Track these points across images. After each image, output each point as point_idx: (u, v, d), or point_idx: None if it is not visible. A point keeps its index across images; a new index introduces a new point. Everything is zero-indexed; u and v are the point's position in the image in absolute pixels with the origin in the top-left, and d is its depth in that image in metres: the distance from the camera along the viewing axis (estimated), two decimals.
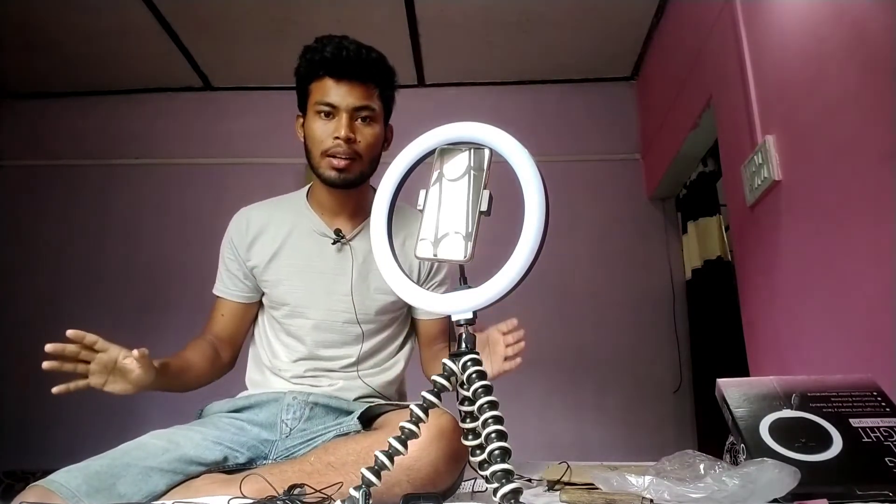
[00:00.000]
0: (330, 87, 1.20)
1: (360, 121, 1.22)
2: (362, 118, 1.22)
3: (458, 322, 0.66)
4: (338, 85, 1.20)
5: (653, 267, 2.93)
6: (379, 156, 1.27)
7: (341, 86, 1.20)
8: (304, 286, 1.27)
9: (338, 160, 1.21)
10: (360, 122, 1.22)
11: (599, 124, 3.17)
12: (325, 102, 1.20)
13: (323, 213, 1.31)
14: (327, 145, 1.21)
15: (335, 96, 1.20)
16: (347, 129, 1.19)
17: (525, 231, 0.63)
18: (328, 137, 1.20)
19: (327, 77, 1.21)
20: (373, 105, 1.22)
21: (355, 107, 1.21)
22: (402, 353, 1.36)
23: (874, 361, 1.26)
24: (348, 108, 1.20)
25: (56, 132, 3.28)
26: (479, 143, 0.68)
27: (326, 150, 1.21)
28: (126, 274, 3.05)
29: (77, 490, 0.90)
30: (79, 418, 2.80)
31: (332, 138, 1.20)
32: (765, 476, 0.77)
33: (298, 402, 1.21)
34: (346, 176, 1.22)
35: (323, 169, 1.22)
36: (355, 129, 1.21)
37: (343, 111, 1.20)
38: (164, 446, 1.02)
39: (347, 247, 1.29)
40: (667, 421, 2.74)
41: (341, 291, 1.26)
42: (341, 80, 1.20)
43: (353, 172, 1.22)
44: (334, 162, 1.21)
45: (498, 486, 0.58)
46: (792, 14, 1.62)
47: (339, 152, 1.20)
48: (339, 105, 1.20)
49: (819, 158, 1.50)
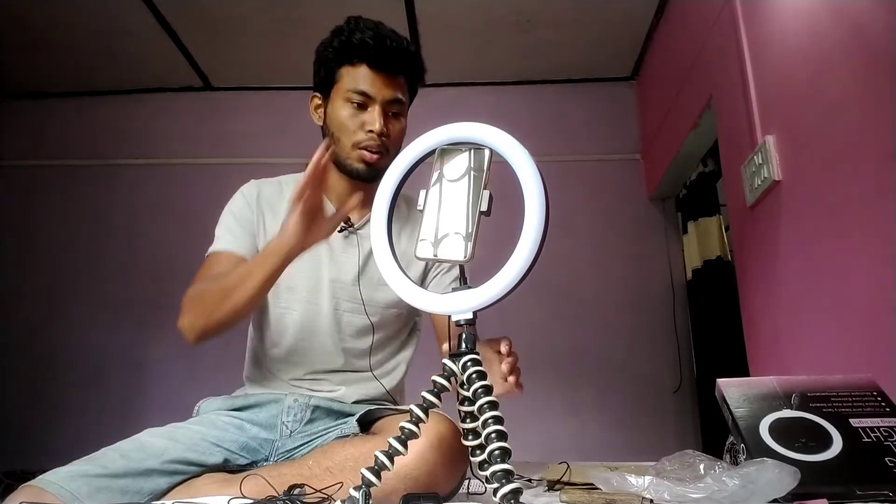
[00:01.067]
0: (366, 76, 1.15)
1: (391, 115, 1.18)
2: (393, 112, 1.18)
3: (458, 322, 0.66)
4: (375, 75, 1.15)
5: (653, 267, 2.93)
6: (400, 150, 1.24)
7: (379, 77, 1.15)
8: (309, 272, 1.21)
9: (370, 154, 1.16)
10: (391, 115, 1.18)
11: (599, 124, 3.17)
12: (360, 91, 1.15)
13: (332, 198, 1.24)
14: (360, 138, 1.16)
15: (372, 87, 1.15)
16: (382, 123, 1.15)
17: (525, 231, 0.63)
18: (360, 129, 1.15)
19: (365, 65, 1.15)
20: (403, 98, 1.18)
21: (389, 100, 1.16)
22: (405, 357, 1.32)
23: (874, 361, 1.26)
24: (383, 101, 1.16)
25: (56, 132, 3.28)
26: (480, 143, 0.68)
27: (359, 142, 1.16)
28: (126, 274, 3.05)
29: (78, 492, 0.89)
30: (79, 418, 2.81)
31: (366, 131, 1.15)
32: (765, 476, 0.77)
33: (299, 404, 1.19)
34: (374, 169, 1.17)
35: (353, 161, 1.18)
36: (387, 122, 1.17)
37: (378, 103, 1.15)
38: (164, 446, 1.01)
39: (355, 236, 1.24)
40: (667, 421, 2.74)
41: (347, 280, 1.22)
42: (380, 71, 1.15)
43: (381, 165, 1.16)
44: (366, 155, 1.16)
45: (498, 487, 0.58)
46: (792, 14, 1.62)
47: (372, 146, 1.16)
48: (374, 97, 1.15)
49: (819, 158, 1.50)
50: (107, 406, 2.84)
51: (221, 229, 1.22)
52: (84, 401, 2.86)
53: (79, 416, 2.82)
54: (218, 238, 1.21)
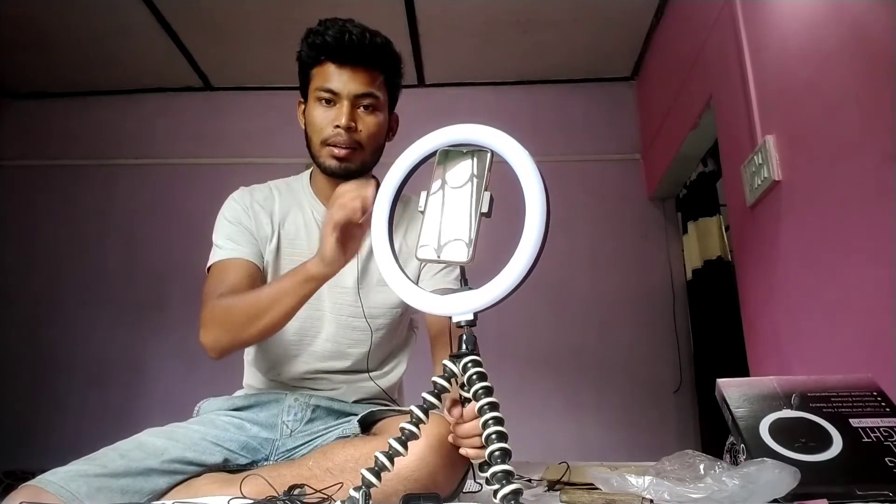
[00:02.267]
0: (332, 73, 1.16)
1: (363, 109, 1.17)
2: (364, 106, 1.17)
3: (459, 324, 0.66)
4: (340, 70, 1.15)
5: (653, 267, 2.93)
6: (382, 146, 1.22)
7: (344, 71, 1.15)
8: None
9: (338, 149, 1.16)
10: (363, 109, 1.17)
11: (599, 124, 3.17)
12: (325, 88, 1.16)
13: (324, 201, 1.25)
14: (327, 133, 1.16)
15: (337, 82, 1.15)
16: (348, 118, 1.14)
17: (526, 233, 0.63)
18: (328, 125, 1.16)
19: (329, 62, 1.16)
20: (376, 93, 1.17)
21: (357, 94, 1.16)
22: (405, 355, 1.33)
23: (874, 361, 1.27)
24: (350, 96, 1.15)
25: (56, 132, 3.29)
26: (481, 145, 0.68)
27: (326, 138, 1.16)
28: (126, 274, 3.05)
29: (78, 492, 0.89)
30: (79, 418, 2.81)
31: (333, 126, 1.15)
32: (765, 476, 0.77)
33: (300, 403, 1.19)
34: (346, 165, 1.16)
35: (323, 158, 1.17)
36: (357, 117, 1.16)
37: (345, 98, 1.15)
38: (164, 445, 1.01)
39: None
40: (667, 421, 2.74)
41: (346, 283, 1.22)
42: (344, 66, 1.15)
43: (354, 162, 1.17)
44: (335, 151, 1.16)
45: (498, 487, 0.58)
46: (792, 14, 1.63)
47: (339, 142, 1.15)
48: (340, 92, 1.15)
49: (819, 158, 1.50)
50: (106, 406, 2.84)
51: (221, 238, 1.21)
52: (84, 401, 2.86)
53: (79, 416, 2.82)
54: (220, 248, 1.20)
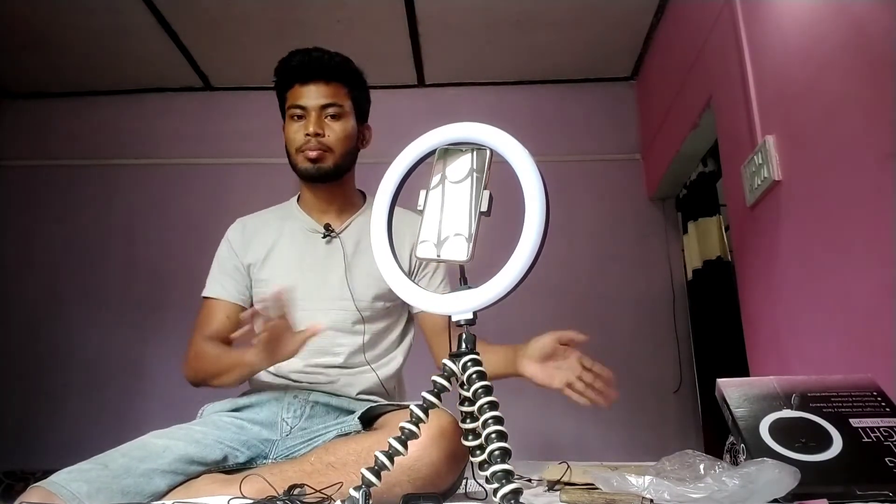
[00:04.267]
0: (299, 92, 1.31)
1: (329, 118, 1.31)
2: (331, 115, 1.31)
3: (459, 323, 0.66)
4: (305, 88, 1.31)
5: (653, 267, 2.93)
6: (354, 150, 1.36)
7: (308, 88, 1.31)
8: (298, 280, 1.30)
9: (310, 151, 1.29)
10: (329, 119, 1.31)
11: (599, 124, 3.17)
12: (296, 105, 1.31)
13: (312, 213, 1.39)
14: (299, 142, 1.30)
15: (303, 98, 1.30)
16: (315, 126, 1.28)
17: (526, 232, 0.63)
18: (300, 136, 1.30)
19: (297, 83, 1.32)
20: (339, 102, 1.31)
21: (322, 105, 1.30)
22: (401, 348, 1.38)
23: (874, 361, 1.26)
24: (316, 107, 1.30)
25: (56, 132, 3.28)
26: (480, 143, 0.68)
27: (299, 146, 1.31)
28: (126, 274, 3.05)
29: (78, 492, 0.90)
30: (79, 418, 2.81)
31: (304, 135, 1.29)
32: (765, 476, 0.77)
33: (299, 400, 1.22)
34: (320, 166, 1.30)
35: (300, 163, 1.31)
36: (323, 125, 1.30)
37: (312, 110, 1.30)
38: (165, 445, 1.02)
39: (337, 240, 1.34)
40: (667, 421, 2.74)
41: (334, 281, 1.30)
42: (308, 83, 1.31)
43: (327, 163, 1.30)
44: (308, 153, 1.30)
45: (498, 487, 0.58)
46: (792, 14, 1.63)
47: (309, 147, 1.29)
48: (307, 105, 1.30)
49: (819, 158, 1.50)
50: (106, 406, 2.84)
51: (213, 274, 1.37)
52: (84, 401, 2.86)
53: (79, 416, 2.82)
54: (209, 284, 1.36)
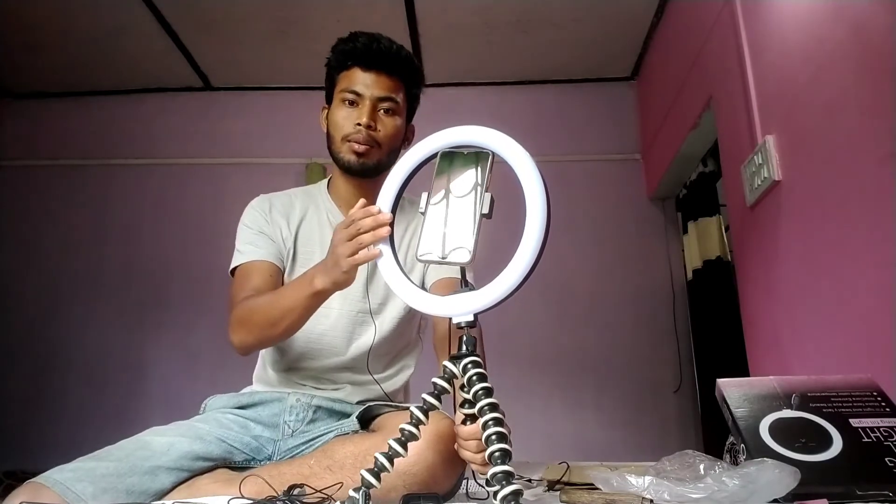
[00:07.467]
0: (358, 76, 1.23)
1: (383, 111, 1.24)
2: (385, 109, 1.24)
3: (459, 325, 0.66)
4: (365, 74, 1.23)
5: (653, 267, 2.93)
6: (399, 149, 1.28)
7: (369, 75, 1.23)
8: None
9: (358, 145, 1.22)
10: (383, 112, 1.24)
11: (599, 124, 3.17)
12: (350, 90, 1.23)
13: (340, 205, 1.31)
14: (348, 130, 1.22)
15: (361, 85, 1.22)
16: (369, 117, 1.21)
17: (527, 234, 0.63)
18: (350, 123, 1.22)
19: (356, 67, 1.23)
20: (396, 98, 1.24)
21: (380, 97, 1.23)
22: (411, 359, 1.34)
23: (874, 361, 1.27)
24: (372, 98, 1.22)
25: (56, 132, 3.28)
26: (482, 146, 0.68)
27: (347, 135, 1.22)
28: (126, 274, 3.05)
29: (83, 493, 0.89)
30: (79, 418, 2.81)
31: (354, 124, 1.22)
32: (765, 476, 0.77)
33: (302, 404, 1.20)
34: (364, 161, 1.23)
35: (343, 153, 1.24)
36: (377, 118, 1.23)
37: (367, 99, 1.22)
38: (170, 442, 1.02)
39: None
40: (667, 421, 2.74)
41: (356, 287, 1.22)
42: (369, 70, 1.23)
43: (372, 159, 1.23)
44: (355, 146, 1.22)
45: (499, 488, 0.58)
46: (792, 14, 1.63)
47: (359, 138, 1.22)
48: (363, 93, 1.22)
49: (819, 158, 1.50)
50: (106, 405, 2.84)
51: (242, 243, 1.27)
52: (84, 400, 2.86)
53: (79, 415, 2.82)
54: (241, 252, 1.26)
